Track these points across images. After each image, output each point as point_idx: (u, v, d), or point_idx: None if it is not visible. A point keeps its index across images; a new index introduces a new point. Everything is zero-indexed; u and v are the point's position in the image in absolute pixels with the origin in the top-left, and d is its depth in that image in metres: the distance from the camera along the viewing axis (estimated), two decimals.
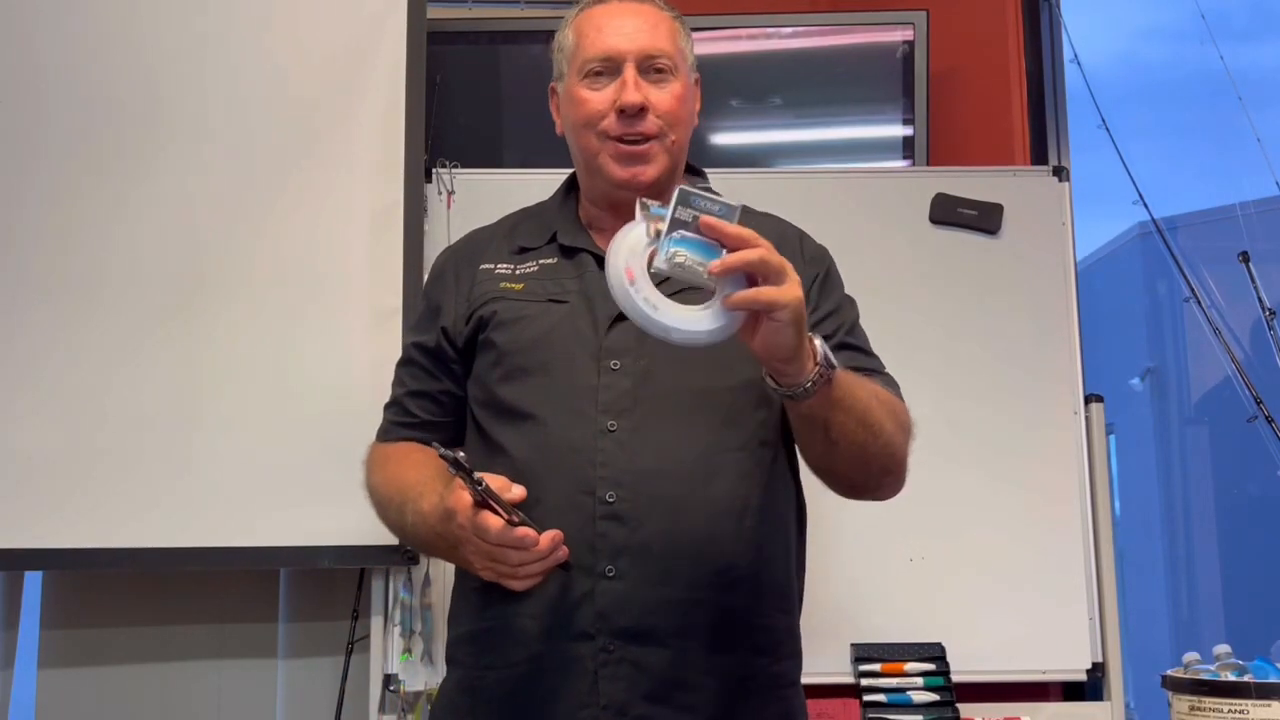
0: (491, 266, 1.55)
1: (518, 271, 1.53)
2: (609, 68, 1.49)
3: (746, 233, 1.20)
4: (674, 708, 1.37)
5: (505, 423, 1.46)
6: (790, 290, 1.20)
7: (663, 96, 1.49)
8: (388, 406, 1.64)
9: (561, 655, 1.37)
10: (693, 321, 1.21)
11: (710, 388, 1.44)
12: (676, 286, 1.25)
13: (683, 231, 1.18)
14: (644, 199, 1.24)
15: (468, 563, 1.37)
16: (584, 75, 1.50)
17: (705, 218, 1.18)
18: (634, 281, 1.20)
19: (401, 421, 1.60)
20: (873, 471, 1.42)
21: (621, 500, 1.38)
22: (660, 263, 1.19)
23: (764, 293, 1.19)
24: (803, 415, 1.33)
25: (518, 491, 1.34)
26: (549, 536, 1.31)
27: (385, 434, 1.63)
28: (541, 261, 1.53)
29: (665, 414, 1.42)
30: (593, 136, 1.50)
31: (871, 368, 1.52)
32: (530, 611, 1.39)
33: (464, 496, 1.31)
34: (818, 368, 1.26)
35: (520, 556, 1.31)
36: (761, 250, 1.20)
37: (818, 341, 1.27)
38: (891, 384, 1.52)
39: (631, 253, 1.20)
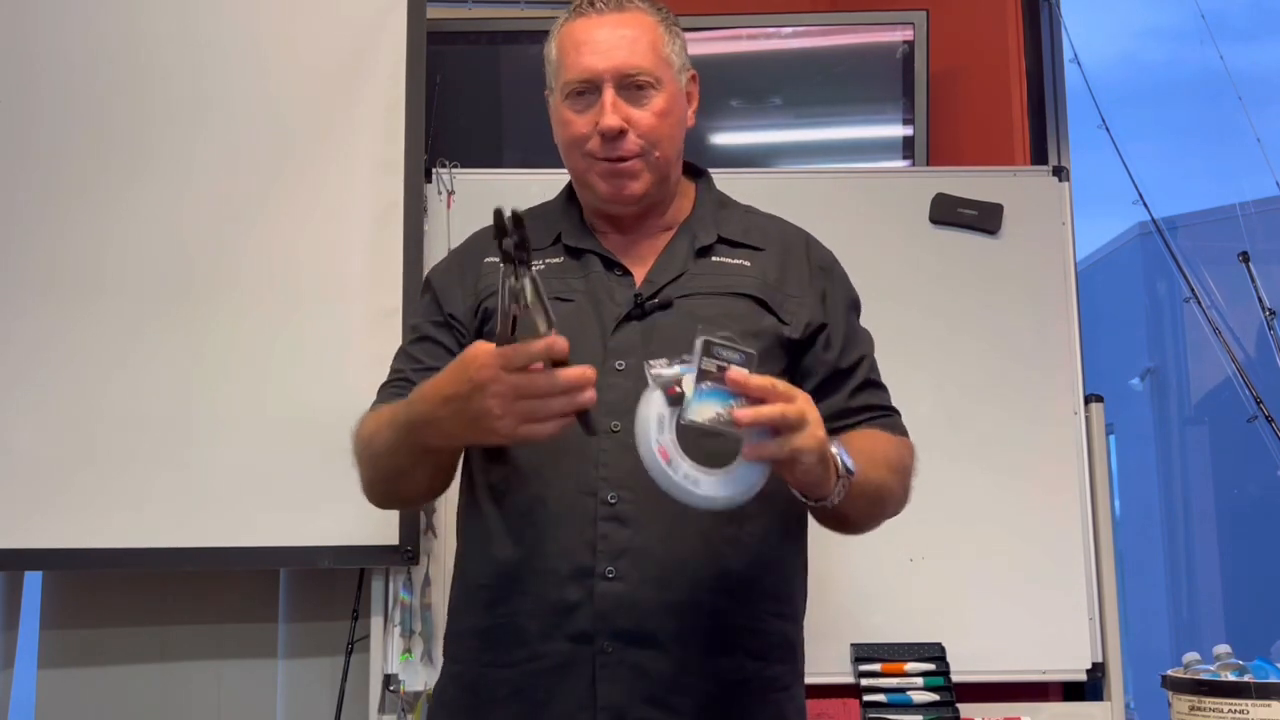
0: (496, 260, 1.54)
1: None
2: (589, 88, 1.48)
3: (766, 385, 1.20)
4: (669, 711, 1.37)
5: None
6: (810, 436, 1.21)
7: (643, 115, 1.47)
8: (386, 385, 1.56)
9: (561, 656, 1.37)
10: (729, 485, 1.22)
11: None
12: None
13: (708, 383, 1.19)
14: (649, 363, 1.23)
15: (484, 419, 1.24)
16: (566, 96, 1.50)
17: (732, 373, 1.19)
18: (670, 461, 1.20)
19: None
20: (875, 527, 1.47)
21: (623, 502, 1.37)
22: (694, 416, 1.20)
23: (786, 446, 1.20)
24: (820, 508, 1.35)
25: (561, 344, 1.21)
26: (580, 369, 1.21)
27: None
28: (548, 260, 1.52)
29: None
30: (579, 157, 1.50)
31: (884, 404, 1.56)
32: (531, 610, 1.39)
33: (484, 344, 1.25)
34: (840, 481, 1.28)
35: (549, 385, 1.20)
36: (779, 407, 1.19)
37: (835, 450, 1.28)
38: (898, 425, 1.56)
39: (660, 428, 1.21)
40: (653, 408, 1.21)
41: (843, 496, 1.29)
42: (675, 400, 1.20)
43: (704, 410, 1.19)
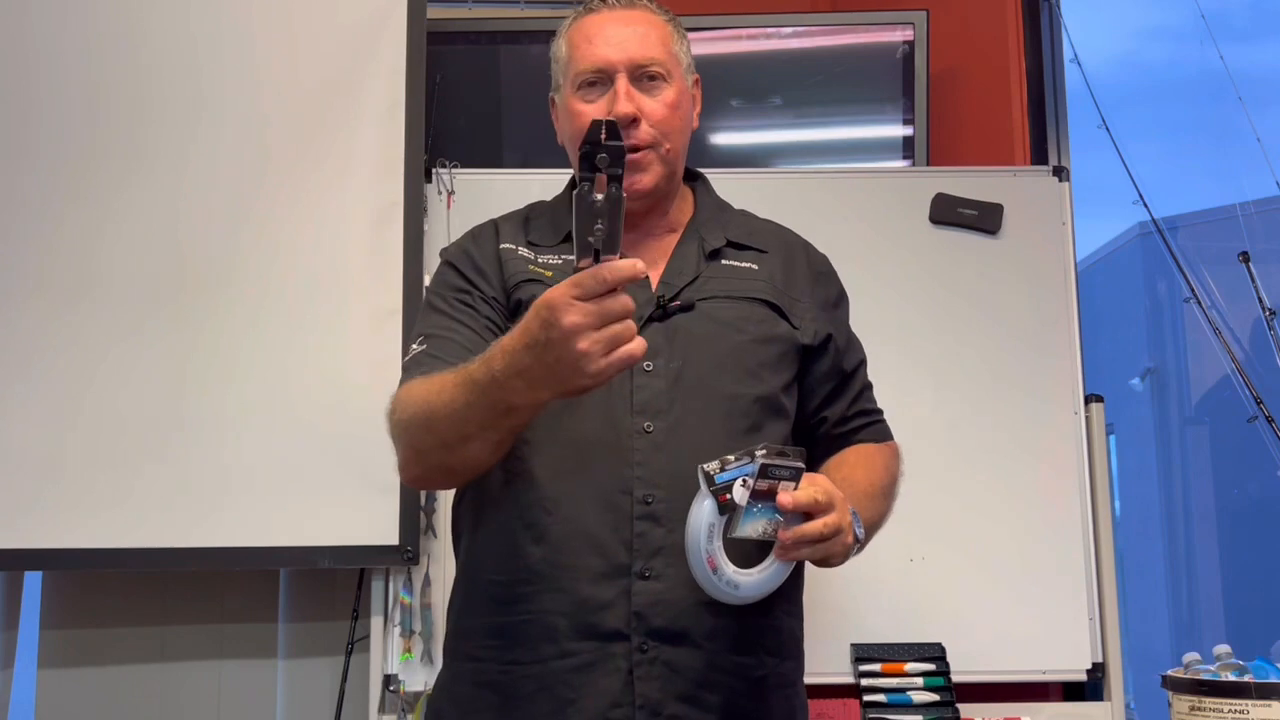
0: (513, 247, 1.53)
1: (540, 259, 1.51)
2: (601, 78, 1.49)
3: (810, 501, 1.28)
4: (701, 707, 1.38)
5: (539, 418, 1.41)
6: (840, 544, 1.31)
7: (655, 105, 1.49)
8: (422, 352, 1.45)
9: (591, 653, 1.37)
10: (762, 584, 1.33)
11: (737, 393, 1.45)
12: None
13: (759, 503, 1.28)
14: (702, 466, 1.29)
15: (569, 361, 1.18)
16: (577, 87, 1.50)
17: (782, 498, 1.27)
18: (716, 570, 1.29)
19: (449, 360, 1.39)
20: None
21: (659, 501, 1.38)
22: (742, 534, 1.29)
23: (820, 553, 1.30)
24: None
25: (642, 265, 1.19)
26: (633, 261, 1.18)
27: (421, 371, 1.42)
28: (564, 256, 1.51)
29: (699, 417, 1.42)
30: None
31: (875, 408, 1.63)
32: (561, 608, 1.38)
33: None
34: (854, 548, 1.36)
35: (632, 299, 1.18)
36: (819, 524, 1.28)
37: (856, 525, 1.36)
38: (885, 430, 1.63)
39: (709, 537, 1.28)
40: (704, 517, 1.28)
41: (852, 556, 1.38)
42: (725, 508, 1.28)
43: (752, 528, 1.29)
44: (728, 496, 1.27)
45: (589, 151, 1.16)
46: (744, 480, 1.27)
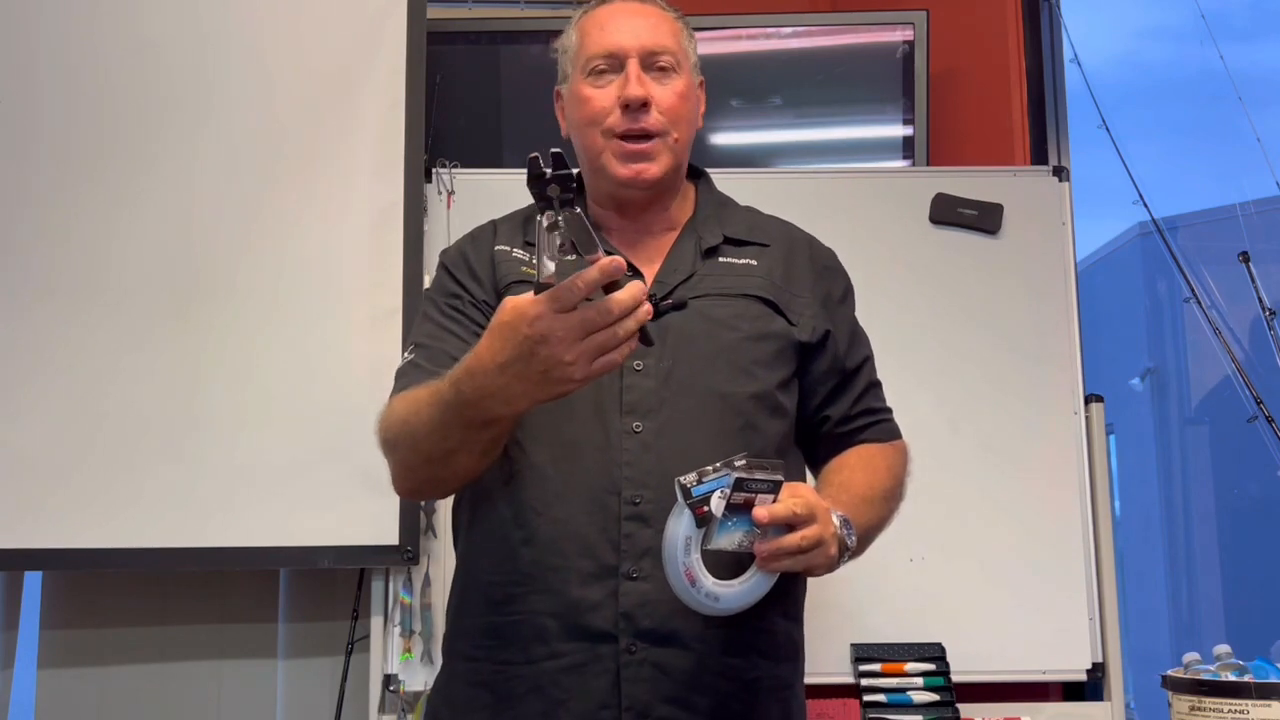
0: (507, 249, 1.53)
1: (534, 260, 1.52)
2: (612, 64, 1.49)
3: (788, 514, 1.26)
4: (690, 710, 1.38)
5: (527, 419, 1.42)
6: (824, 555, 1.29)
7: (665, 93, 1.49)
8: (411, 364, 1.46)
9: (581, 654, 1.37)
10: (743, 596, 1.31)
11: (731, 393, 1.44)
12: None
13: (735, 516, 1.26)
14: (679, 479, 1.27)
15: (554, 370, 1.20)
16: (588, 73, 1.50)
17: (758, 513, 1.25)
18: (695, 583, 1.28)
19: (436, 369, 1.39)
20: None
21: (647, 502, 1.38)
22: (718, 545, 1.27)
23: (802, 564, 1.29)
24: None
25: (618, 261, 1.18)
26: (633, 287, 1.18)
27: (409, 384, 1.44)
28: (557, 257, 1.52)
29: (689, 417, 1.42)
30: (597, 134, 1.49)
31: (882, 406, 1.61)
32: (551, 609, 1.39)
33: (516, 299, 1.20)
34: (844, 555, 1.35)
35: (619, 308, 1.17)
36: (798, 536, 1.26)
37: (836, 520, 1.33)
38: (893, 429, 1.61)
39: (686, 550, 1.27)
40: (681, 529, 1.27)
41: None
42: (702, 521, 1.26)
43: (729, 540, 1.27)
44: (705, 509, 1.26)
45: (538, 187, 1.17)
46: (721, 492, 1.25)
